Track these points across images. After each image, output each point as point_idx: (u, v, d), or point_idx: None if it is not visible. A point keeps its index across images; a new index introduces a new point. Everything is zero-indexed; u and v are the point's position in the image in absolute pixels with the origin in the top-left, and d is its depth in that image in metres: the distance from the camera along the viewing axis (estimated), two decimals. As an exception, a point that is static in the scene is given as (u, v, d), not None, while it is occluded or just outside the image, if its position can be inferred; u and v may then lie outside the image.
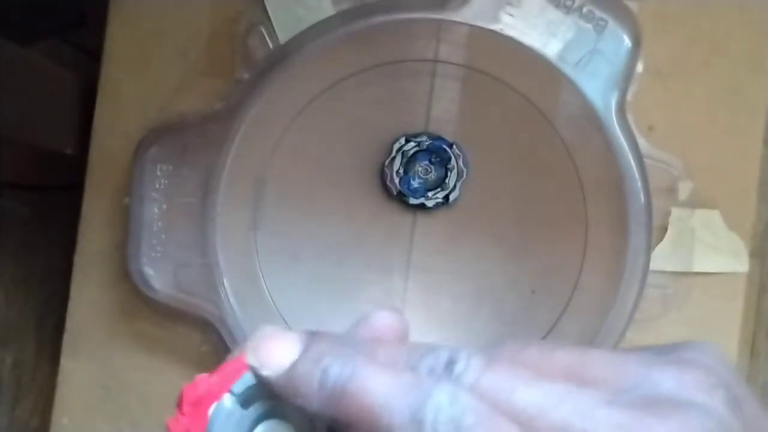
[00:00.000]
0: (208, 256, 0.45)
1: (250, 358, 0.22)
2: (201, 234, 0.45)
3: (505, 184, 0.45)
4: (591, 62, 0.44)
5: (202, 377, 0.22)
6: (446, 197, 0.45)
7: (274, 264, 0.45)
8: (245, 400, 0.22)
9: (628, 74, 0.44)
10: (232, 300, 0.44)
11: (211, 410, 0.21)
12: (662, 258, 0.46)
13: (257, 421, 0.22)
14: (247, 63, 0.46)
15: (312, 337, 0.22)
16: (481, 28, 0.44)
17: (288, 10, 0.45)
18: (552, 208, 0.45)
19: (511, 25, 0.44)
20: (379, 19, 0.44)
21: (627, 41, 0.44)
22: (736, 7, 0.46)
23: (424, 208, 0.45)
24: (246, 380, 0.22)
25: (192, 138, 0.45)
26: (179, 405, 0.22)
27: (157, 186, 0.45)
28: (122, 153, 0.46)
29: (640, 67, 0.45)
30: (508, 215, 0.45)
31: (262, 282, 0.45)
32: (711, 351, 0.21)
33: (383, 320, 0.23)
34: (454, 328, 0.45)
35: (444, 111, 0.45)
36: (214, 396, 0.22)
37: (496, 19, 0.44)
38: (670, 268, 0.46)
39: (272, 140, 0.45)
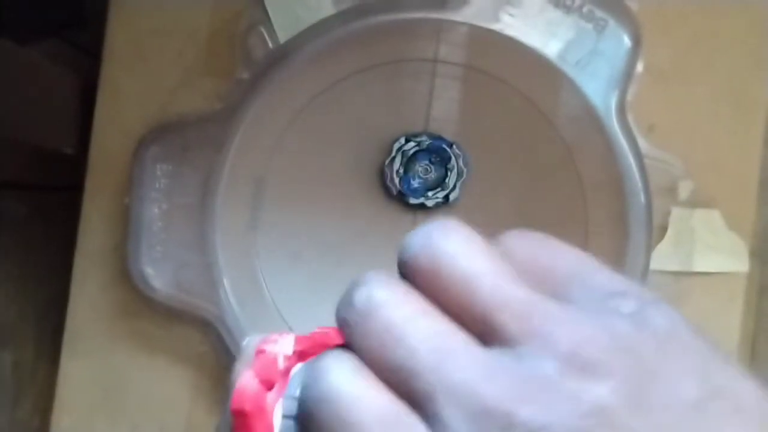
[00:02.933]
0: (208, 256, 0.45)
1: None
2: (201, 233, 0.45)
3: (505, 184, 0.45)
4: (591, 62, 0.44)
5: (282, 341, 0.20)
6: (446, 197, 0.45)
7: (274, 263, 0.45)
8: None
9: (628, 74, 0.44)
10: (231, 299, 0.44)
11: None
12: (662, 258, 0.46)
13: None
14: (246, 63, 0.46)
15: None
16: (482, 28, 0.44)
17: (288, 9, 0.45)
18: (552, 208, 0.45)
19: (512, 24, 0.44)
20: (380, 18, 0.44)
21: (627, 41, 0.44)
22: (737, 7, 0.46)
23: (424, 208, 0.45)
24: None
25: (192, 137, 0.45)
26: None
27: (157, 186, 0.45)
28: (122, 152, 0.46)
29: (640, 67, 0.45)
30: (508, 215, 0.45)
31: (262, 281, 0.45)
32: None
33: None
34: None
35: (444, 111, 0.45)
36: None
37: (497, 19, 0.44)
38: (670, 267, 0.46)
39: (272, 140, 0.45)
